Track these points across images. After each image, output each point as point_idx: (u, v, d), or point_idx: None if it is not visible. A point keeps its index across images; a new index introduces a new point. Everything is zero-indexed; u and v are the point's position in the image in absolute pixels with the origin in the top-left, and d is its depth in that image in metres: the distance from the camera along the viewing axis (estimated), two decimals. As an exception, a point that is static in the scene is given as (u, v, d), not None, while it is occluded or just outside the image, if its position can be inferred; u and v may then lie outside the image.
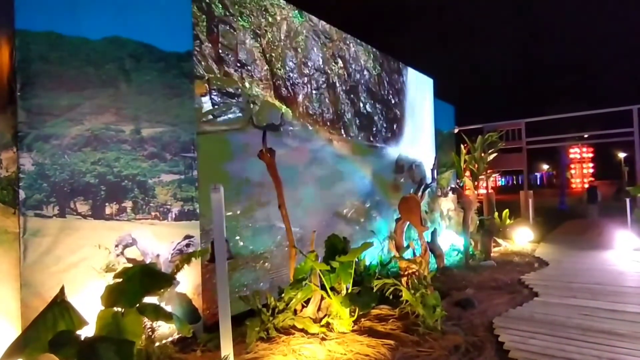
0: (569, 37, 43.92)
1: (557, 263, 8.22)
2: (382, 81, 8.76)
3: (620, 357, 3.97)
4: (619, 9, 38.01)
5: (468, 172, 10.33)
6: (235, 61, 5.40)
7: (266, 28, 5.92)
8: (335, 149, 7.16)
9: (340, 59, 7.45)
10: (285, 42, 6.26)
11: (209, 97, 4.99)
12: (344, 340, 4.47)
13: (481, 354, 4.19)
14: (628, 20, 35.40)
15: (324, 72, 7.04)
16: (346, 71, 7.61)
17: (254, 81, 5.67)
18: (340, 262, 4.87)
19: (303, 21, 6.61)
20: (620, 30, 39.43)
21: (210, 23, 5.08)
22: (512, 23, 44.20)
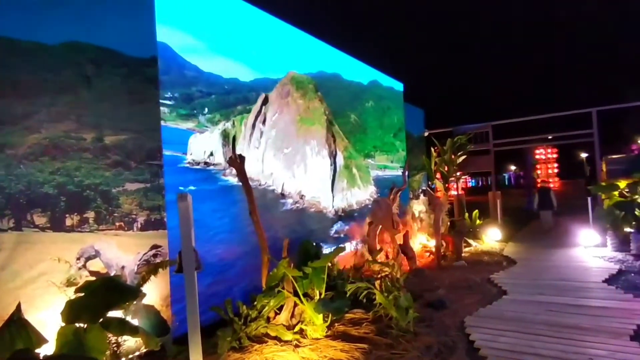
0: (532, 42, 45.63)
1: (524, 261, 8.46)
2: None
3: (584, 350, 4.11)
4: (578, 15, 39.89)
5: (439, 175, 10.53)
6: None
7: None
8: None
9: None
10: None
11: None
12: (318, 346, 4.44)
13: (453, 354, 4.26)
14: (586, 26, 37.17)
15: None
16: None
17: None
18: (312, 267, 4.84)
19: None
20: (579, 36, 41.36)
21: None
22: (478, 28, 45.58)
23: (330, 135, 7.67)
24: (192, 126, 5.15)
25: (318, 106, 7.42)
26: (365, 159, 9.07)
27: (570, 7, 38.67)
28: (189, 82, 5.20)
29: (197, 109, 5.27)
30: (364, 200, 8.39)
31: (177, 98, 5.00)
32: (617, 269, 7.45)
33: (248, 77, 6.11)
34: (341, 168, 7.85)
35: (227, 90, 5.76)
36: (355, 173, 8.30)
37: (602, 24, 33.71)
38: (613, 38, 35.57)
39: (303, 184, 6.77)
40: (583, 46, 38.46)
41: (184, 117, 5.05)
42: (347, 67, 8.92)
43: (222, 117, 5.57)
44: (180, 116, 5.00)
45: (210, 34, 5.54)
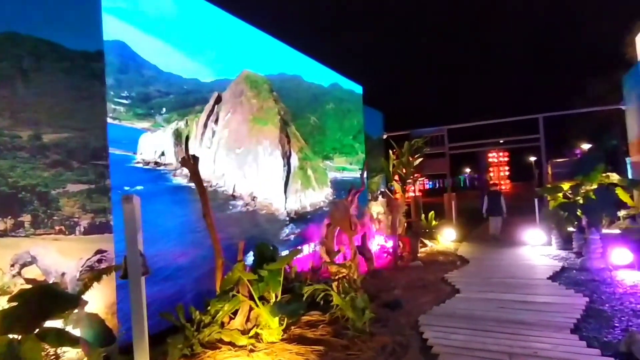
0: (486, 52, 47.84)
1: (477, 260, 8.77)
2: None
3: (529, 344, 4.28)
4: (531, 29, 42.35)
5: (397, 177, 10.72)
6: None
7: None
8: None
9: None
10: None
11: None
12: (273, 350, 4.37)
13: (407, 352, 4.32)
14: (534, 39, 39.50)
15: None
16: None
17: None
18: (269, 270, 4.77)
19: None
20: (528, 47, 43.88)
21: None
22: (435, 35, 47.28)
23: (285, 135, 7.60)
24: (148, 126, 4.96)
25: (272, 106, 7.33)
26: (324, 160, 9.09)
27: (524, 20, 40.86)
28: (147, 82, 5.01)
29: (154, 109, 5.08)
30: (318, 202, 8.39)
31: (134, 97, 4.79)
32: (560, 266, 7.88)
33: (209, 77, 5.99)
34: (295, 169, 7.80)
35: (187, 90, 5.60)
36: (310, 175, 8.27)
37: (549, 37, 35.84)
38: (557, 50, 37.93)
39: (255, 185, 6.67)
40: (532, 56, 40.75)
41: (140, 117, 4.85)
42: (308, 70, 8.92)
43: (179, 117, 5.40)
44: (137, 115, 4.80)
45: (170, 33, 5.37)
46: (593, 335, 4.49)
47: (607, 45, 11.96)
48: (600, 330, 4.62)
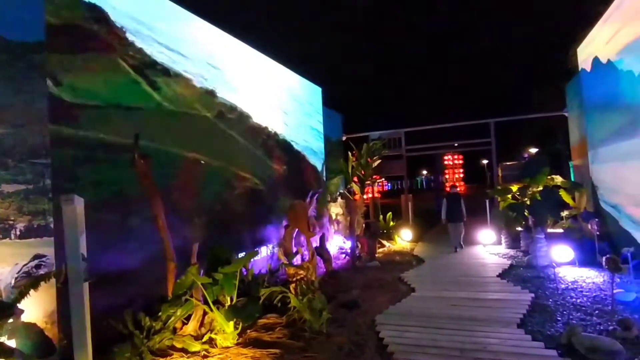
0: (442, 57, 49.59)
1: (432, 260, 9.01)
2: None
3: (479, 339, 4.43)
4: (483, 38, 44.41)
5: (356, 178, 10.84)
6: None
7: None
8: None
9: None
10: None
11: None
12: (228, 355, 4.27)
13: (363, 352, 4.34)
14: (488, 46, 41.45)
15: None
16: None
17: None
18: (223, 273, 4.65)
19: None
20: (481, 53, 45.88)
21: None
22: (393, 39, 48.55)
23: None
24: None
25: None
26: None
27: (479, 31, 42.74)
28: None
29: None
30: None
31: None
32: (509, 264, 8.25)
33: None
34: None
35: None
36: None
37: (501, 47, 37.69)
38: (508, 59, 39.97)
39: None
40: (485, 64, 42.67)
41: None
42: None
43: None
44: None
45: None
46: (537, 329, 4.71)
47: (553, 56, 12.72)
48: (544, 324, 4.86)
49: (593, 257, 7.67)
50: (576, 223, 9.60)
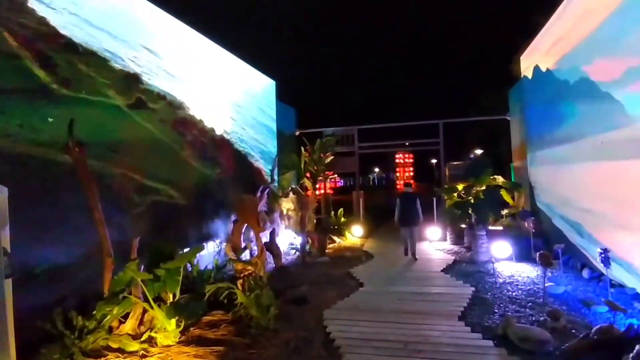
0: (395, 56, 50.75)
1: (380, 255, 9.18)
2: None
3: (422, 332, 4.56)
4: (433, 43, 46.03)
5: (308, 174, 10.82)
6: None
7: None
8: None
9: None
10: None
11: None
12: (169, 354, 4.09)
13: (310, 347, 4.32)
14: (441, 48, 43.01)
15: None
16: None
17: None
18: (166, 269, 4.45)
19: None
20: (432, 58, 47.57)
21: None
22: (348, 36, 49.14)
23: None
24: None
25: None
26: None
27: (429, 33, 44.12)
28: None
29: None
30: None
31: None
32: (453, 259, 8.59)
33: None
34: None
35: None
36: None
37: (452, 52, 39.19)
38: (457, 64, 41.69)
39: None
40: (436, 67, 44.20)
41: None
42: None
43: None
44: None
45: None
46: (476, 321, 4.92)
47: (499, 62, 13.37)
48: (482, 316, 5.09)
49: (529, 253, 8.15)
50: (515, 221, 10.17)
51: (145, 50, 6.33)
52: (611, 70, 5.95)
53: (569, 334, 4.33)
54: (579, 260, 7.18)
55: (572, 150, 7.47)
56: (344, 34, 47.97)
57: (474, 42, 34.72)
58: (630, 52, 5.42)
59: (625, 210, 5.65)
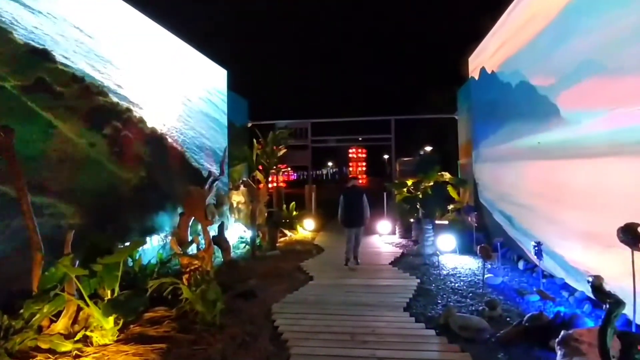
0: (351, 51, 51.29)
1: (331, 249, 9.25)
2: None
3: (369, 323, 4.65)
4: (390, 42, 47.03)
5: (260, 167, 10.68)
6: None
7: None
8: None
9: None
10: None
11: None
12: (105, 353, 3.88)
13: (257, 341, 4.26)
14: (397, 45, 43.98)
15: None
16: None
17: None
18: (103, 264, 4.20)
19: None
20: (386, 56, 48.55)
21: None
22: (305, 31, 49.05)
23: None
24: None
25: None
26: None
27: (384, 31, 44.88)
28: None
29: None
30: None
31: None
32: (400, 252, 8.84)
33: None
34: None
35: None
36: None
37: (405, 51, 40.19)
38: (410, 63, 42.88)
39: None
40: (391, 65, 45.20)
41: None
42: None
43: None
44: None
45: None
46: (420, 311, 5.09)
47: (450, 63, 13.86)
48: (426, 306, 5.27)
49: (471, 246, 8.55)
50: (459, 216, 10.64)
51: (73, 28, 5.59)
52: (548, 75, 6.33)
53: (504, 321, 4.59)
54: (516, 252, 7.63)
55: (512, 149, 7.90)
56: (300, 26, 47.78)
57: (427, 43, 35.85)
58: (564, 60, 5.79)
59: (556, 207, 6.06)
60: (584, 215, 5.29)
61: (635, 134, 4.20)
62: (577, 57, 5.44)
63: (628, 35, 4.34)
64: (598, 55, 4.95)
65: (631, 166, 4.30)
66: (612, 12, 4.69)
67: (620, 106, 4.48)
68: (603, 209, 4.79)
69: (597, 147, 4.93)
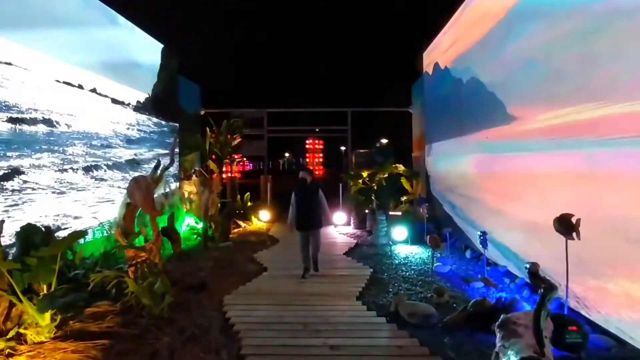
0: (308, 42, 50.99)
1: (286, 240, 9.19)
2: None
3: (322, 313, 4.68)
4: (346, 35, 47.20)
5: (214, 156, 10.39)
6: None
7: None
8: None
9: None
10: None
11: None
12: (41, 351, 3.64)
13: (207, 334, 4.17)
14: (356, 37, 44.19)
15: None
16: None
17: None
18: (38, 257, 3.91)
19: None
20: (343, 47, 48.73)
21: None
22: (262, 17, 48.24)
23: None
24: None
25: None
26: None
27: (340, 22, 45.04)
28: None
29: None
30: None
31: None
32: (355, 243, 8.96)
33: None
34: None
35: None
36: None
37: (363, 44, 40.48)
38: (368, 56, 43.33)
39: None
40: (348, 55, 45.41)
41: None
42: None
43: None
44: None
45: None
46: (372, 300, 5.19)
47: (405, 57, 14.08)
48: (378, 295, 5.38)
49: (422, 236, 8.82)
50: (412, 207, 10.94)
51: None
52: (496, 73, 6.60)
53: (451, 307, 4.77)
54: (463, 242, 7.97)
55: (462, 143, 8.20)
56: (257, 14, 46.81)
57: (384, 36, 36.31)
58: (510, 59, 6.05)
59: (500, 199, 6.37)
60: (524, 206, 5.60)
61: (571, 131, 4.47)
62: (522, 56, 5.70)
63: (568, 38, 4.59)
64: (541, 56, 5.21)
65: (566, 161, 4.59)
66: (554, 15, 4.94)
67: (559, 104, 4.74)
68: (542, 200, 5.09)
69: (537, 142, 5.22)
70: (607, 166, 3.92)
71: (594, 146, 4.09)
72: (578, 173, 4.39)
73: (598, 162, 4.04)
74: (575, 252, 3.95)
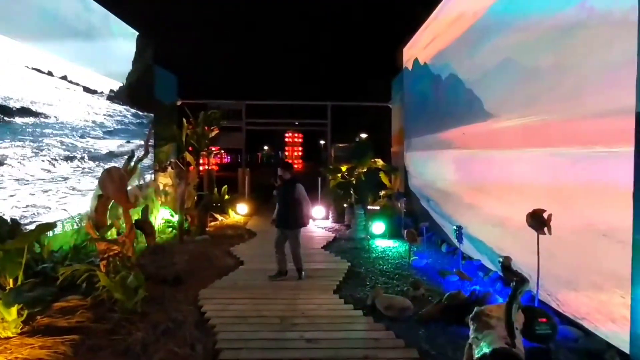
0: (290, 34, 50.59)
1: (263, 233, 9.11)
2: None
3: (299, 307, 4.68)
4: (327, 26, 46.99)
5: (191, 148, 10.21)
6: None
7: None
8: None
9: None
10: None
11: None
12: (7, 347, 3.51)
13: (181, 328, 4.09)
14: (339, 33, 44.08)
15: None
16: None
17: None
18: (4, 250, 3.75)
19: None
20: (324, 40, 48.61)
21: None
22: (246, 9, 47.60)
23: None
24: None
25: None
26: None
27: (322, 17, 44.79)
28: None
29: None
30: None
31: None
32: (333, 237, 8.98)
33: None
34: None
35: None
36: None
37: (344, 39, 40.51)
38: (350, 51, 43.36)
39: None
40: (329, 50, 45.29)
41: None
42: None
43: None
44: None
45: None
46: (350, 293, 5.21)
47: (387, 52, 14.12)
48: (355, 288, 5.41)
49: (400, 230, 8.90)
50: (390, 201, 11.04)
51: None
52: (474, 70, 6.68)
53: (426, 300, 4.84)
54: (440, 236, 8.09)
55: (440, 139, 8.29)
56: (237, 5, 46.13)
57: (364, 31, 36.43)
58: (487, 56, 6.13)
59: (475, 194, 6.49)
60: (499, 202, 5.71)
61: (545, 129, 4.57)
62: (498, 55, 5.78)
63: (542, 39, 4.68)
64: (516, 55, 5.30)
65: (539, 158, 4.70)
66: (529, 16, 5.02)
67: (533, 103, 4.84)
68: (515, 196, 5.21)
69: (512, 139, 5.32)
70: (579, 164, 4.03)
71: (564, 145, 4.20)
72: (551, 170, 4.51)
73: (571, 160, 4.15)
74: (547, 246, 4.06)
